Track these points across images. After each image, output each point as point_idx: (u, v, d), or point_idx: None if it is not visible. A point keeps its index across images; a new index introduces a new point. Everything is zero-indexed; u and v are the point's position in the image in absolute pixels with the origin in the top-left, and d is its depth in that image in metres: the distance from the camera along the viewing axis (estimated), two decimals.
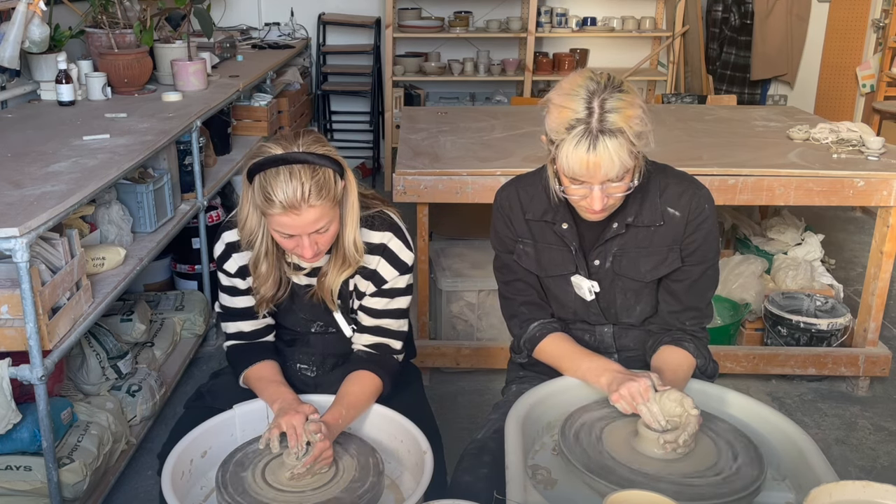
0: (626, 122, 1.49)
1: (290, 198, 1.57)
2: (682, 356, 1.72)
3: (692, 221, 1.70)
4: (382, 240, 1.79)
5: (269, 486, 1.55)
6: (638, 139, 1.52)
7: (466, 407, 3.02)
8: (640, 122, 1.52)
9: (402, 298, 1.85)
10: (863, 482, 1.19)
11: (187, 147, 3.13)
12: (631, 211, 1.70)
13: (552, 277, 1.80)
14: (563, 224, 1.75)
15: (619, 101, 1.50)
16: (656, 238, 1.72)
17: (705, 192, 1.73)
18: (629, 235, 1.72)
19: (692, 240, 1.71)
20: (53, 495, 2.15)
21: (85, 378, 2.58)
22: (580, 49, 5.82)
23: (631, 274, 1.74)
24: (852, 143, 3.15)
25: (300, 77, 5.12)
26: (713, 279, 1.78)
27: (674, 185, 1.72)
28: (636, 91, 1.56)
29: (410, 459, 1.67)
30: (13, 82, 3.24)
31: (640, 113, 1.52)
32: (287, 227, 1.62)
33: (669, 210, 1.70)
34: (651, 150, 1.59)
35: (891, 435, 2.89)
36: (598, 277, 1.77)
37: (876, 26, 5.53)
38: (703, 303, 1.78)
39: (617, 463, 1.43)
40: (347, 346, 1.88)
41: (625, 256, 1.74)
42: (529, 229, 1.79)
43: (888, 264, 2.98)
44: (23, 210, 1.98)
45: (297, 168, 1.58)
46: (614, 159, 1.50)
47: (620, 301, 1.78)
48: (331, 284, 1.78)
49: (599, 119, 1.49)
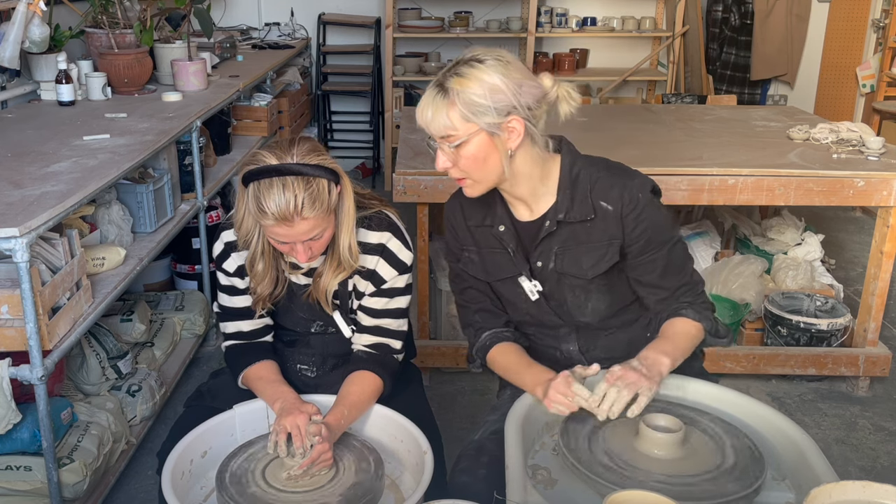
0: (461, 86, 1.53)
1: (282, 210, 1.57)
2: (681, 324, 1.70)
3: (628, 215, 1.66)
4: (381, 240, 1.79)
5: (270, 485, 1.55)
6: (469, 109, 1.54)
7: (466, 407, 3.02)
8: (479, 93, 1.53)
9: (402, 298, 1.85)
10: (863, 482, 1.19)
11: (187, 147, 3.13)
12: (562, 207, 1.68)
13: (500, 282, 1.79)
14: (499, 227, 1.74)
15: (469, 69, 1.55)
16: (594, 233, 1.69)
17: (638, 182, 1.69)
18: (565, 232, 1.70)
19: (637, 233, 1.68)
20: (53, 495, 2.15)
21: (85, 378, 2.58)
22: (580, 49, 5.82)
23: (573, 271, 1.72)
24: (852, 143, 3.15)
25: (300, 77, 5.12)
26: (682, 253, 1.75)
27: (604, 178, 1.69)
28: (504, 69, 1.56)
29: (410, 459, 1.67)
30: (13, 82, 3.24)
31: (483, 86, 1.53)
32: (280, 236, 1.63)
33: (602, 204, 1.67)
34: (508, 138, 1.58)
35: (891, 435, 2.89)
36: (543, 278, 1.75)
37: (876, 26, 5.53)
38: (685, 277, 1.75)
39: (617, 463, 1.43)
40: (347, 347, 1.88)
41: (566, 254, 1.72)
42: (472, 235, 1.79)
43: (888, 264, 2.98)
44: (23, 210, 1.97)
45: (291, 180, 1.58)
46: (436, 112, 1.55)
47: (571, 299, 1.77)
48: (326, 286, 1.78)
49: (445, 75, 1.56)
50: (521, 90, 1.56)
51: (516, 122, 1.57)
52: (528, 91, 1.58)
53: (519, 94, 1.56)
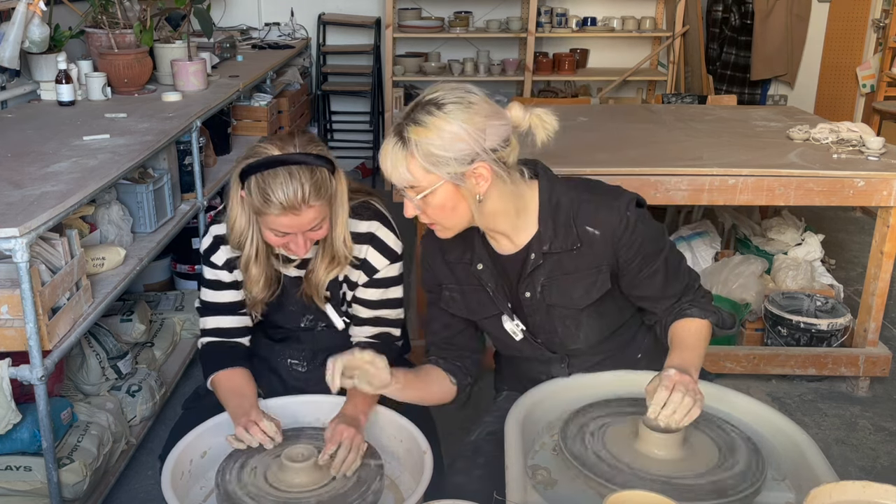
0: (419, 136, 1.47)
1: (290, 199, 1.58)
2: (691, 325, 1.65)
3: (621, 238, 1.60)
4: (370, 228, 1.81)
5: (270, 485, 1.55)
6: (429, 161, 1.47)
7: (466, 407, 3.02)
8: (438, 144, 1.46)
9: (397, 288, 1.87)
10: (863, 482, 1.19)
11: (187, 147, 3.13)
12: (545, 238, 1.62)
13: (485, 320, 1.74)
14: (477, 265, 1.68)
15: (427, 116, 1.48)
16: (581, 261, 1.63)
17: (623, 200, 1.61)
18: (551, 263, 1.64)
19: (632, 252, 1.62)
20: (53, 495, 2.15)
21: (85, 378, 2.58)
22: (580, 49, 5.82)
23: (563, 303, 1.66)
24: (852, 143, 3.14)
25: (300, 77, 5.12)
26: (676, 255, 1.70)
27: (587, 200, 1.62)
28: (466, 114, 1.48)
29: (410, 459, 1.67)
30: (13, 82, 3.24)
31: (442, 136, 1.46)
32: (284, 227, 1.62)
33: (588, 229, 1.61)
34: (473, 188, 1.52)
35: (891, 435, 2.89)
36: (532, 310, 1.69)
37: (876, 26, 5.53)
38: (685, 279, 1.70)
39: (617, 463, 1.43)
40: (338, 341, 1.88)
41: (553, 285, 1.65)
42: (452, 272, 1.73)
43: (888, 264, 2.98)
44: (23, 210, 1.97)
45: (296, 169, 1.59)
46: (395, 165, 1.50)
47: (561, 330, 1.71)
48: (318, 281, 1.79)
49: (404, 123, 1.51)
50: (484, 134, 1.48)
51: (482, 169, 1.50)
52: (494, 133, 1.50)
53: (482, 139, 1.48)
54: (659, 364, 1.61)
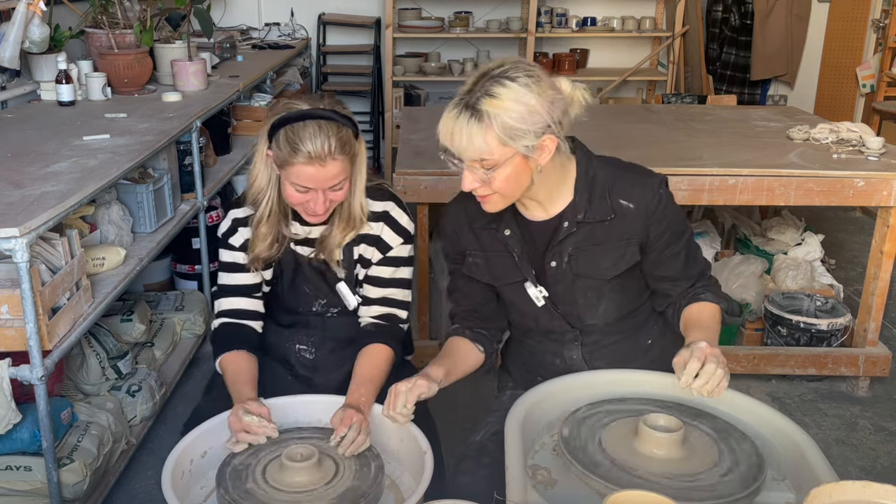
0: (496, 109, 1.48)
1: (317, 149, 1.64)
2: (706, 308, 1.71)
3: (654, 213, 1.66)
4: (385, 208, 1.87)
5: (270, 485, 1.55)
6: (508, 133, 1.49)
7: (466, 407, 3.02)
8: (516, 117, 1.48)
9: (407, 268, 1.91)
10: (863, 482, 1.19)
11: (187, 147, 3.13)
12: (580, 207, 1.66)
13: (506, 286, 1.77)
14: (505, 230, 1.71)
15: (502, 88, 1.48)
16: (613, 232, 1.68)
17: (657, 179, 1.68)
18: (583, 233, 1.68)
19: (661, 229, 1.67)
20: (53, 495, 2.15)
21: (85, 378, 2.58)
22: (580, 49, 5.82)
23: (590, 273, 1.70)
24: (852, 143, 3.15)
25: (300, 77, 5.12)
26: (695, 242, 1.77)
27: (623, 176, 1.68)
28: (538, 87, 1.50)
29: (410, 459, 1.67)
30: (13, 82, 3.24)
31: (519, 109, 1.48)
32: (308, 179, 1.68)
33: (622, 202, 1.66)
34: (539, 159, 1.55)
35: (891, 435, 2.89)
36: (556, 279, 1.72)
37: (876, 26, 5.53)
38: (700, 265, 1.77)
39: (617, 463, 1.43)
40: (348, 330, 1.91)
41: (581, 255, 1.69)
42: (477, 238, 1.76)
43: (888, 264, 2.98)
44: (23, 210, 1.97)
45: (325, 123, 1.67)
46: (471, 137, 1.49)
47: (582, 301, 1.74)
48: (334, 244, 1.82)
49: (476, 95, 1.50)
50: (553, 107, 1.52)
51: (549, 140, 1.53)
52: (558, 105, 1.54)
53: (552, 111, 1.52)
54: (667, 351, 1.65)
